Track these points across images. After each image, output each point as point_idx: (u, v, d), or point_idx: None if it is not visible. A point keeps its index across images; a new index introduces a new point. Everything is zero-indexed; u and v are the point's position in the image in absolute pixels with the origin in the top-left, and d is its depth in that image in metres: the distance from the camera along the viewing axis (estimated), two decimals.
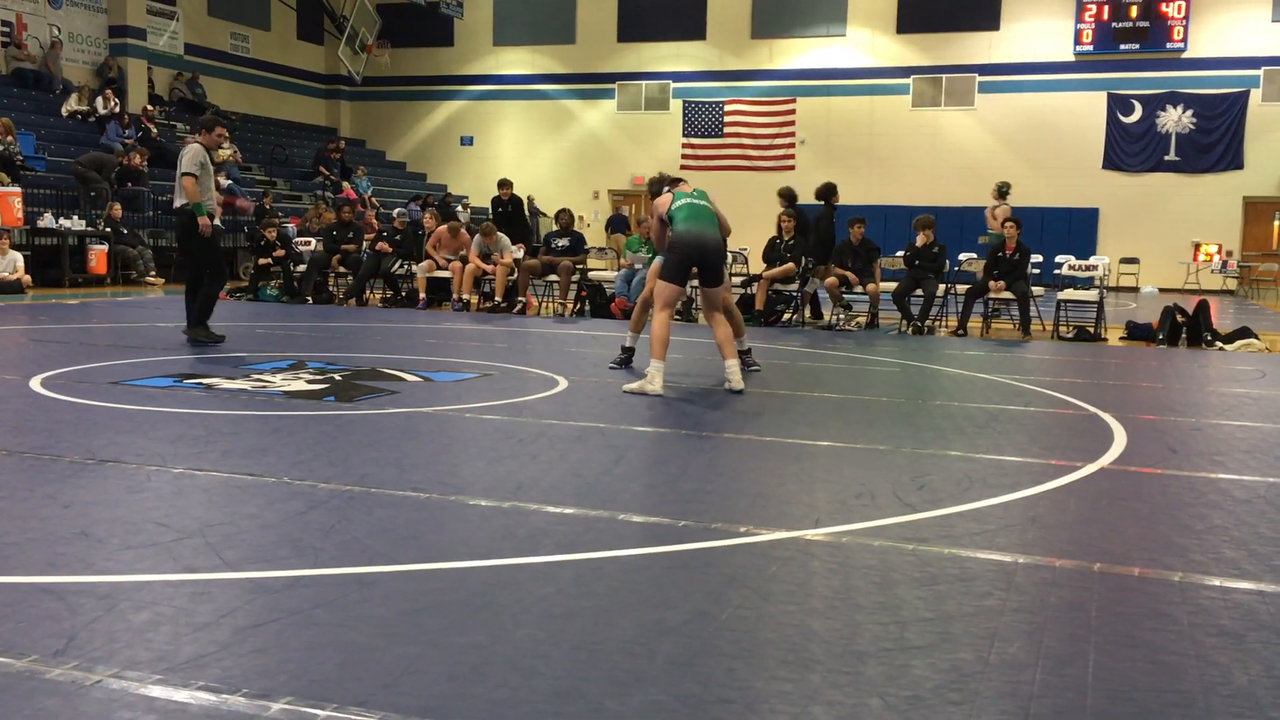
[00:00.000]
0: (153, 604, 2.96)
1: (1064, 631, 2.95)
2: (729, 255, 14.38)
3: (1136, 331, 12.60)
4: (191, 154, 9.38)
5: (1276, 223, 24.84)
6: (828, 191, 13.51)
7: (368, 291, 15.80)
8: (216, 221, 9.63)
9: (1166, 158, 25.41)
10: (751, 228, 20.66)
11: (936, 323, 13.18)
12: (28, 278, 15.38)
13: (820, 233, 13.21)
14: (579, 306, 14.43)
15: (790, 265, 13.27)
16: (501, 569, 3.37)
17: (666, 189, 7.80)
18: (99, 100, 21.82)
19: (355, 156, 27.93)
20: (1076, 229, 25.57)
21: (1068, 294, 13.29)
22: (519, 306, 14.28)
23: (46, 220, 16.71)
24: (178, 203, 9.51)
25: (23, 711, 2.29)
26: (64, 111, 21.52)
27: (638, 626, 2.90)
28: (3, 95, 20.46)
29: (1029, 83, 26.12)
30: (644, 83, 29.13)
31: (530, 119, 30.29)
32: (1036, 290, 13.17)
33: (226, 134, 9.65)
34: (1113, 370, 9.52)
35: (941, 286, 13.29)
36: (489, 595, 3.13)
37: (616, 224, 27.83)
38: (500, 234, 14.66)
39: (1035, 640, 2.88)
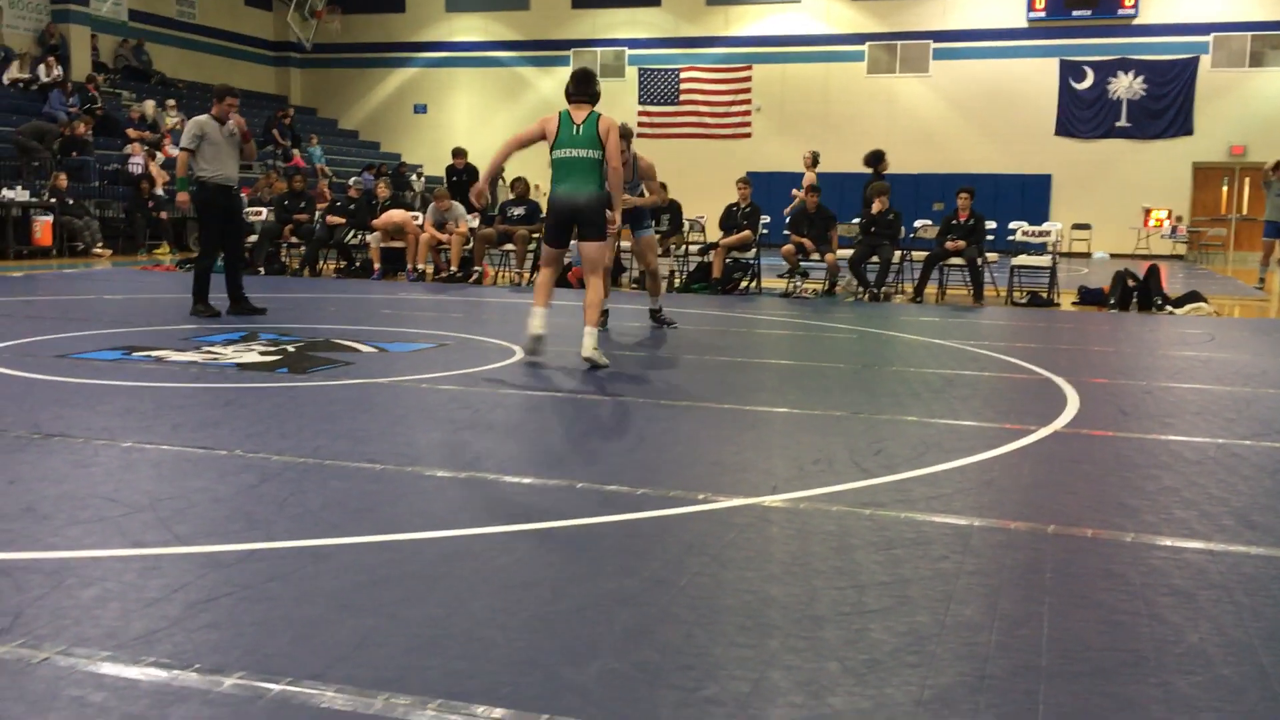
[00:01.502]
0: (101, 580, 2.91)
1: (1019, 593, 2.98)
2: (685, 222, 14.37)
3: (1088, 296, 12.74)
4: (189, 127, 9.17)
5: (1225, 188, 25.17)
6: (876, 158, 13.44)
7: (321, 262, 15.60)
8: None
9: (1118, 124, 25.64)
10: (708, 196, 20.63)
11: (892, 289, 13.24)
12: None
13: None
14: (535, 276, 14.33)
15: (747, 233, 13.25)
16: (459, 539, 3.35)
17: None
18: (41, 68, 21.31)
19: (306, 125, 27.52)
20: (1030, 195, 25.77)
21: (1021, 260, 13.40)
22: (475, 276, 14.17)
23: None
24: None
25: None
26: (4, 80, 21.01)
27: (595, 595, 2.88)
28: None
29: (983, 49, 26.21)
30: (599, 50, 28.91)
31: (484, 86, 29.99)
32: (991, 256, 13.27)
33: (236, 103, 9.31)
34: (1065, 335, 9.62)
35: (897, 253, 13.35)
36: (446, 566, 3.10)
37: None
38: (455, 203, 14.52)
39: (991, 602, 2.90)
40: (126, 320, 8.87)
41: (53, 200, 17.07)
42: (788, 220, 13.72)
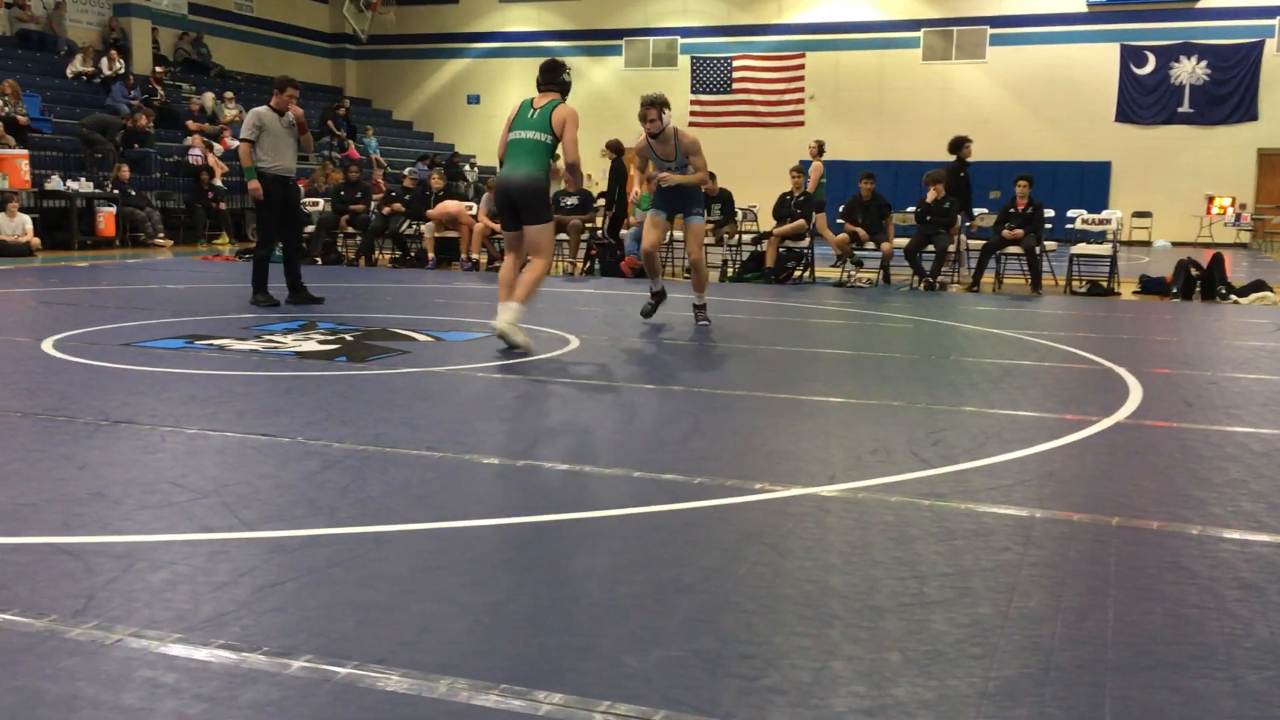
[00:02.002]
0: (170, 563, 2.97)
1: (1083, 585, 2.94)
2: (737, 211, 14.32)
3: (1150, 285, 12.53)
4: (248, 119, 9.29)
5: None
6: (958, 144, 13.32)
7: (376, 251, 15.75)
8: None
9: (1180, 109, 25.15)
10: (761, 184, 20.52)
11: (949, 279, 13.11)
12: (36, 240, 15.36)
13: (954, 187, 13.05)
14: (589, 265, 14.38)
15: (801, 222, 13.18)
16: (517, 526, 3.37)
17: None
18: (104, 61, 21.69)
19: (361, 116, 27.77)
20: (1089, 183, 25.37)
21: (1080, 248, 13.20)
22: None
23: (54, 183, 16.66)
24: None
25: (43, 671, 2.29)
26: (69, 73, 21.41)
27: (654, 583, 2.89)
28: (7, 57, 20.35)
29: (1041, 34, 25.82)
30: (651, 38, 28.87)
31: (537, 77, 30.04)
32: (1049, 245, 13.08)
33: (296, 93, 9.38)
34: (1127, 324, 9.47)
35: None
36: (505, 553, 3.12)
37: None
38: None
39: (1055, 594, 2.87)
40: (188, 309, 9.02)
41: (115, 192, 17.39)
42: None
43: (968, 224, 13.47)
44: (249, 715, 2.13)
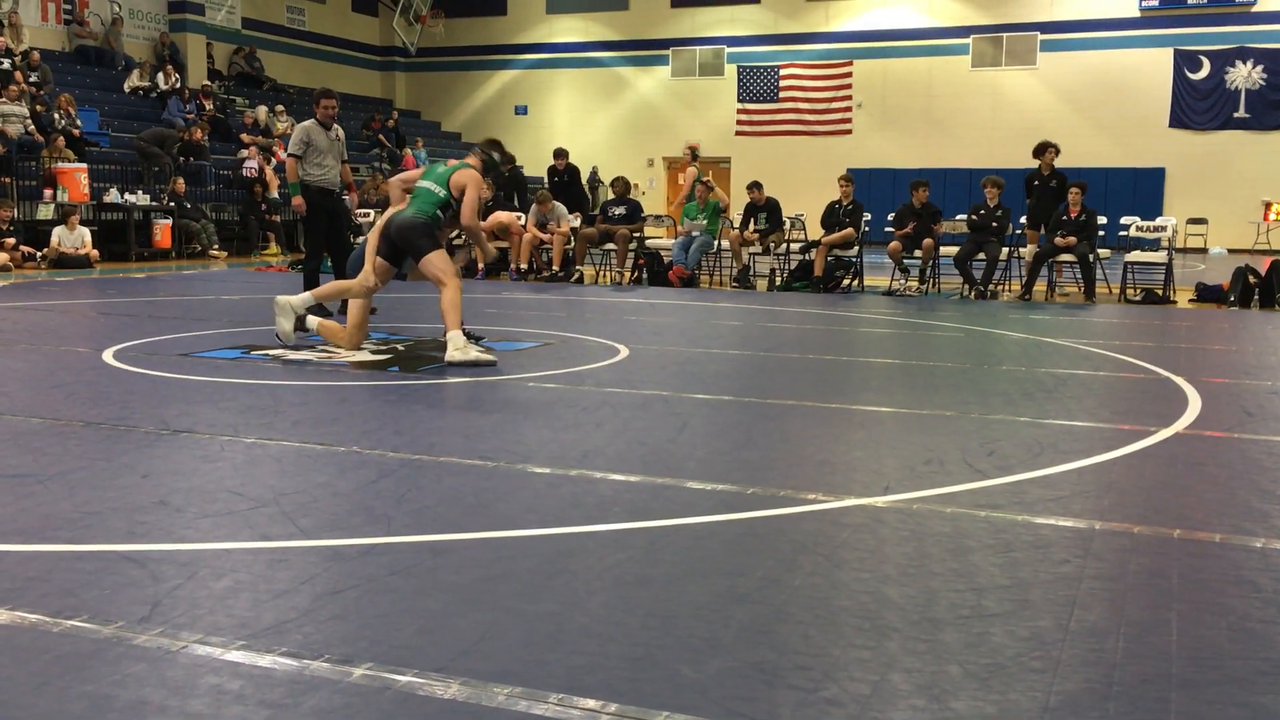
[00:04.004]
0: (232, 571, 3.01)
1: (1145, 599, 2.90)
2: (784, 220, 14.28)
3: (1207, 293, 12.33)
4: (295, 133, 9.44)
5: None
6: (1040, 150, 13.15)
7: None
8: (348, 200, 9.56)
9: (1235, 115, 24.74)
10: (808, 193, 20.46)
11: (1000, 287, 12.97)
12: (95, 252, 15.65)
13: (1032, 193, 12.91)
14: (636, 275, 14.41)
15: (849, 230, 13.13)
16: (572, 536, 3.38)
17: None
18: (160, 76, 22.09)
19: (411, 127, 28.05)
20: (1142, 189, 25.02)
21: (1134, 256, 13.02)
22: (576, 275, 14.29)
23: (112, 195, 16.98)
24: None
25: (111, 677, 2.33)
26: (126, 88, 21.82)
27: (710, 594, 2.89)
28: (67, 73, 20.77)
29: (1093, 40, 25.52)
30: (698, 48, 28.88)
31: (584, 87, 30.20)
32: (1103, 252, 12.91)
33: (332, 105, 9.52)
34: (1183, 333, 9.33)
35: (1004, 250, 13.08)
36: (561, 563, 3.14)
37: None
38: (556, 203, 14.66)
39: (1116, 608, 2.83)
40: (244, 319, 9.15)
41: (171, 204, 17.69)
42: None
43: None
44: None
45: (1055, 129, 25.87)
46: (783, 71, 27.98)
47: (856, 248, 13.31)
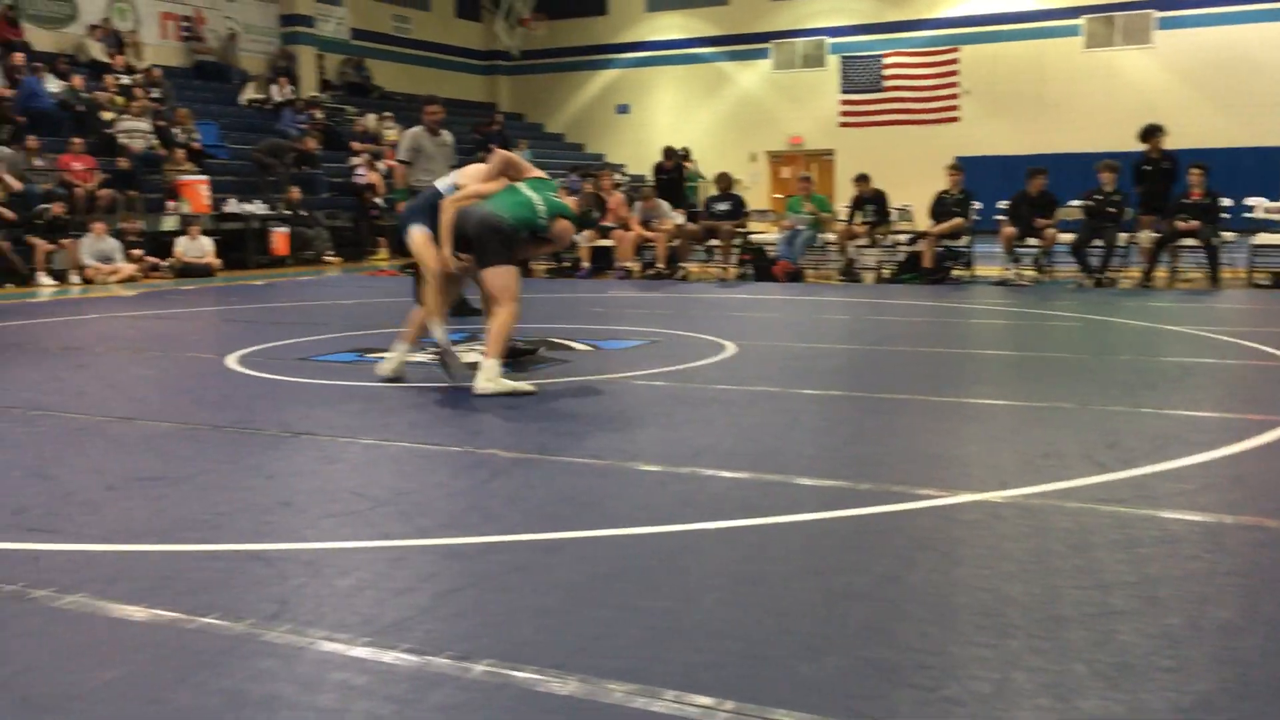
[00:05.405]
0: (355, 569, 3.09)
1: None
2: (891, 211, 14.05)
3: None
4: (403, 140, 9.69)
5: None
6: (1148, 133, 12.77)
7: (531, 261, 16.04)
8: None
9: None
10: (915, 183, 20.12)
11: (1118, 274, 12.58)
12: (217, 261, 16.21)
13: (1143, 178, 12.57)
14: (742, 270, 14.36)
15: (959, 220, 12.88)
16: (684, 534, 3.39)
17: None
18: (273, 88, 22.75)
19: (515, 130, 28.36)
20: (1269, 169, 23.97)
21: (1261, 238, 12.50)
22: (681, 272, 14.30)
23: (231, 206, 17.56)
24: None
25: (244, 672, 2.42)
26: (242, 101, 22.53)
27: (825, 591, 2.87)
28: (186, 88, 21.53)
29: (1212, 15, 24.55)
30: (799, 40, 28.61)
31: (685, 83, 30.16)
32: (1227, 236, 12.42)
33: (437, 111, 9.71)
34: None
35: (1122, 235, 12.68)
36: (675, 560, 3.15)
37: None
38: (660, 200, 14.69)
39: (1250, 604, 2.73)
40: (358, 324, 9.38)
41: (287, 212, 18.22)
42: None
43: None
44: (436, 718, 2.21)
45: (1173, 109, 24.98)
46: (886, 60, 27.54)
47: (966, 238, 13.05)
